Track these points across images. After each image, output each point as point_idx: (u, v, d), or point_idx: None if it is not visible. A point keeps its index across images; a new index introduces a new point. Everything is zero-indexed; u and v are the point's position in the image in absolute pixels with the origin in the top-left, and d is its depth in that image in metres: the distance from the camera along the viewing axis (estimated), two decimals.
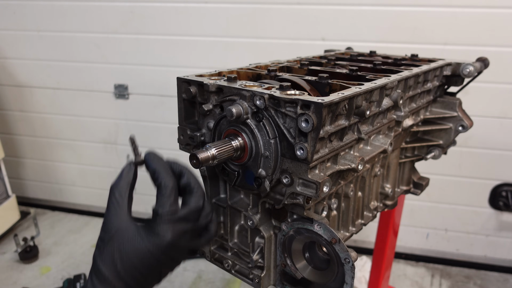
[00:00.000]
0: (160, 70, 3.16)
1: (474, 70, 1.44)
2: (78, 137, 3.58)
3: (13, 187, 3.58)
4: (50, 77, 3.42)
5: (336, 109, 0.89)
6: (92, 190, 3.75)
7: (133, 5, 3.04)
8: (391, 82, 1.10)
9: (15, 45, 3.40)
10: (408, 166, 1.53)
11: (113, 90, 3.32)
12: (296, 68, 1.33)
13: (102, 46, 3.21)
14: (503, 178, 2.82)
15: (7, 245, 3.35)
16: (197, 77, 1.05)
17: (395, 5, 2.62)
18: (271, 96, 0.87)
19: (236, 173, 0.98)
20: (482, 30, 2.53)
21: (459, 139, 1.57)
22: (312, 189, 0.86)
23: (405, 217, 3.01)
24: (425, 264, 3.15)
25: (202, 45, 3.01)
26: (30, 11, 3.25)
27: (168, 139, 3.33)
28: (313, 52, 1.78)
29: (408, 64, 1.40)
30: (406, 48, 2.59)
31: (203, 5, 2.91)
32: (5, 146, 3.48)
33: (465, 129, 1.46)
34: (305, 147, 0.82)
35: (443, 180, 2.91)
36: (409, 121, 1.32)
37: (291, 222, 0.97)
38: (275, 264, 1.05)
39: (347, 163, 0.98)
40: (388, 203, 1.38)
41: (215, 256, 1.16)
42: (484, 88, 2.61)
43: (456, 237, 3.07)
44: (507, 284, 2.93)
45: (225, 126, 0.96)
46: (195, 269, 3.04)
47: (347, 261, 0.89)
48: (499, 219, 2.93)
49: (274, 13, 2.81)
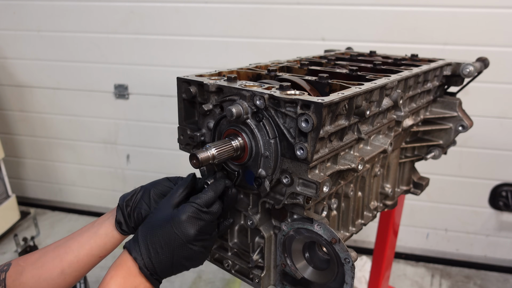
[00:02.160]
0: (160, 70, 3.16)
1: (474, 70, 1.44)
2: (78, 137, 3.58)
3: (13, 187, 3.58)
4: (50, 77, 3.42)
5: (336, 109, 0.89)
6: (92, 190, 3.75)
7: (133, 5, 3.04)
8: (391, 82, 1.10)
9: (15, 45, 3.40)
10: (408, 166, 1.53)
11: (113, 90, 3.32)
12: (296, 68, 1.33)
13: (102, 46, 3.21)
14: (503, 178, 2.82)
15: (7, 245, 3.35)
16: (197, 77, 1.05)
17: (395, 5, 2.62)
18: (271, 96, 0.87)
19: (236, 173, 0.98)
20: (482, 30, 2.53)
21: (459, 139, 1.57)
22: (312, 189, 0.86)
23: (405, 217, 3.01)
24: (425, 264, 3.15)
25: (202, 45, 3.01)
26: (30, 11, 3.25)
27: (168, 139, 3.34)
28: (313, 52, 1.78)
29: (408, 64, 1.40)
30: (406, 48, 2.59)
31: (203, 5, 2.91)
32: (5, 146, 3.48)
33: (465, 129, 1.46)
34: (305, 147, 0.82)
35: (443, 180, 2.91)
36: (409, 121, 1.32)
37: (291, 222, 0.97)
38: (275, 264, 1.05)
39: (347, 163, 0.98)
40: (388, 203, 1.38)
41: (215, 256, 1.16)
42: (484, 88, 2.61)
43: (456, 237, 3.07)
44: (507, 284, 2.92)
45: (225, 126, 0.96)
46: (195, 269, 3.04)
47: (347, 261, 0.89)
48: (499, 219, 2.93)
49: (274, 13, 2.81)
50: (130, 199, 1.02)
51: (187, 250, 0.87)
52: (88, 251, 0.98)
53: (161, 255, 0.86)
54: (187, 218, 0.87)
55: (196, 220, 0.88)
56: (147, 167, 3.50)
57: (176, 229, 0.87)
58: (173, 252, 0.86)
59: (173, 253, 0.86)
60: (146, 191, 1.02)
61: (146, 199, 1.01)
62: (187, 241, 0.87)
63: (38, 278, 0.95)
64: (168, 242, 0.86)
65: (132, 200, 1.01)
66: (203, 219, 0.89)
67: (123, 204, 1.01)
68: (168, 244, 0.86)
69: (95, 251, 0.99)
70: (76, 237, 1.00)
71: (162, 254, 0.86)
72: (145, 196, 1.02)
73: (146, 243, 0.87)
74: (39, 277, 0.95)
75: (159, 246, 0.86)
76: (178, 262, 0.88)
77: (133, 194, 1.03)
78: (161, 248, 0.86)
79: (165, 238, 0.86)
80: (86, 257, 0.98)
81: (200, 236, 0.88)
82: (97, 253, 0.99)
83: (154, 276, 0.87)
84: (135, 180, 3.58)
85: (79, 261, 0.97)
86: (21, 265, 0.96)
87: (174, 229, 0.87)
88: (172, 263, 0.87)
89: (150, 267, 0.86)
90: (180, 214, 0.88)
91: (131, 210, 1.01)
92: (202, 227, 0.89)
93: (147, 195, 1.02)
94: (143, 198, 1.01)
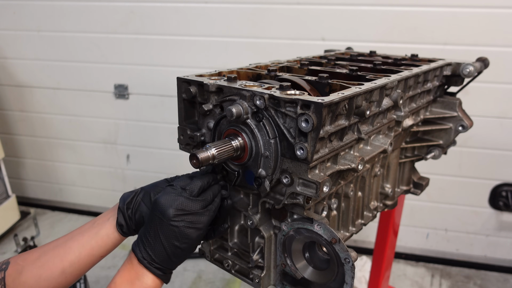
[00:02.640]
0: (160, 70, 3.16)
1: (474, 70, 1.44)
2: (78, 137, 3.58)
3: (13, 187, 3.58)
4: (50, 77, 3.42)
5: (336, 109, 0.89)
6: (92, 190, 3.75)
7: (133, 5, 3.04)
8: (391, 82, 1.10)
9: (15, 45, 3.40)
10: (408, 166, 1.52)
11: (113, 90, 3.32)
12: (296, 68, 1.33)
13: (102, 46, 3.21)
14: (503, 178, 2.82)
15: (7, 245, 3.35)
16: (197, 77, 1.05)
17: (395, 5, 2.62)
18: (271, 96, 0.87)
19: (236, 173, 0.98)
20: (482, 30, 2.53)
21: (459, 139, 1.57)
22: (312, 189, 0.86)
23: (405, 217, 3.01)
24: (425, 264, 3.15)
25: (202, 45, 3.01)
26: (30, 11, 3.25)
27: (168, 139, 3.34)
28: (313, 52, 1.78)
29: (408, 64, 1.40)
30: (406, 48, 2.59)
31: (203, 5, 2.91)
32: (5, 146, 3.48)
33: (465, 129, 1.46)
34: (305, 147, 0.82)
35: (443, 180, 2.91)
36: (409, 121, 1.32)
37: (291, 222, 0.97)
38: (275, 264, 1.05)
39: (347, 163, 0.98)
40: (388, 203, 1.38)
41: (215, 256, 1.16)
42: (484, 88, 2.61)
43: (456, 237, 3.07)
44: (507, 284, 2.92)
45: (225, 126, 0.96)
46: (195, 269, 3.04)
47: (347, 261, 0.89)
48: (499, 219, 2.93)
49: (274, 13, 2.81)
50: (130, 202, 1.03)
51: (171, 228, 0.88)
52: (89, 251, 0.99)
53: (153, 243, 0.89)
54: (163, 197, 0.90)
55: (173, 196, 0.90)
56: (147, 167, 3.51)
57: (156, 211, 0.89)
58: (160, 235, 0.88)
59: (160, 236, 0.88)
60: (146, 193, 1.04)
61: (146, 201, 1.03)
62: (167, 219, 0.88)
63: (38, 277, 0.95)
64: (154, 227, 0.89)
65: (133, 202, 1.03)
66: (180, 195, 0.91)
67: (124, 207, 1.03)
68: (154, 229, 0.89)
69: (96, 252, 1.00)
70: (76, 237, 1.00)
71: (152, 241, 0.89)
72: (146, 198, 1.03)
73: (141, 236, 0.91)
74: (40, 277, 0.95)
75: (149, 234, 0.90)
76: (169, 244, 0.89)
77: (133, 196, 1.04)
78: (151, 236, 0.89)
79: (151, 225, 0.90)
80: (87, 257, 0.99)
81: (180, 211, 0.89)
82: (98, 253, 1.01)
83: (153, 265, 0.89)
84: (135, 180, 3.58)
85: (80, 261, 0.98)
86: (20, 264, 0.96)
87: (155, 212, 0.90)
88: (164, 247, 0.89)
89: (147, 257, 0.89)
90: (158, 197, 0.91)
91: (131, 213, 1.02)
92: (180, 203, 0.89)
93: (147, 197, 1.03)
94: (144, 200, 1.03)
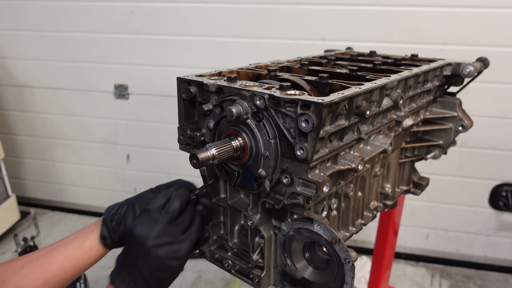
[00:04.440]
0: (160, 70, 3.16)
1: (474, 70, 1.44)
2: (78, 137, 3.58)
3: (13, 187, 3.58)
4: (50, 77, 3.42)
5: (336, 109, 0.89)
6: (92, 190, 3.75)
7: (133, 5, 3.04)
8: (391, 82, 1.10)
9: (15, 45, 3.40)
10: (408, 166, 1.52)
11: (113, 90, 3.32)
12: (296, 68, 1.33)
13: (102, 46, 3.21)
14: (503, 178, 2.82)
15: (7, 245, 3.35)
16: (197, 77, 1.05)
17: (395, 5, 2.62)
18: (271, 96, 0.87)
19: (236, 173, 0.98)
20: (482, 30, 2.53)
21: (459, 139, 1.57)
22: (312, 189, 0.86)
23: (405, 217, 3.01)
24: (425, 264, 3.15)
25: (202, 45, 3.01)
26: (30, 11, 3.25)
27: (168, 139, 3.33)
28: (313, 52, 1.78)
29: (408, 64, 1.40)
30: (406, 48, 2.59)
31: (203, 5, 2.91)
32: (5, 146, 3.48)
33: (465, 129, 1.46)
34: (305, 147, 0.82)
35: (443, 180, 2.91)
36: (409, 121, 1.32)
37: (291, 222, 0.97)
38: (275, 264, 1.05)
39: (347, 163, 0.98)
40: (388, 203, 1.38)
41: (215, 256, 1.16)
42: (484, 88, 2.61)
43: (456, 237, 3.07)
44: (507, 284, 2.92)
45: (225, 126, 0.96)
46: (195, 269, 3.04)
47: (347, 261, 0.89)
48: (499, 219, 2.93)
49: (274, 13, 2.81)
50: (115, 213, 0.99)
51: (150, 260, 0.85)
52: (72, 263, 0.96)
53: (133, 274, 0.86)
54: (139, 226, 0.86)
55: (150, 225, 0.86)
56: (147, 167, 3.50)
57: (133, 242, 0.86)
58: (140, 266, 0.85)
59: (140, 267, 0.85)
60: (130, 205, 1.00)
61: (131, 213, 0.99)
62: (147, 250, 0.85)
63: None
64: (132, 258, 0.86)
65: (117, 214, 0.99)
66: (157, 221, 0.87)
67: (107, 219, 0.99)
68: (134, 260, 0.86)
69: (79, 264, 0.97)
70: (60, 248, 0.97)
71: (133, 272, 0.86)
72: (130, 210, 0.99)
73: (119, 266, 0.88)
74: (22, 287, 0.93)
75: (128, 265, 0.87)
76: (150, 276, 0.86)
77: (118, 208, 1.00)
78: (130, 267, 0.86)
79: (131, 255, 0.86)
80: (70, 268, 0.96)
81: (159, 240, 0.85)
82: (81, 265, 0.97)
83: None
84: (135, 180, 3.57)
85: (63, 273, 0.95)
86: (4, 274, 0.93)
87: (132, 243, 0.86)
88: (145, 280, 0.86)
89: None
90: (135, 224, 0.87)
91: (116, 225, 0.98)
92: (159, 231, 0.86)
93: (131, 209, 0.99)
94: (128, 212, 0.99)
